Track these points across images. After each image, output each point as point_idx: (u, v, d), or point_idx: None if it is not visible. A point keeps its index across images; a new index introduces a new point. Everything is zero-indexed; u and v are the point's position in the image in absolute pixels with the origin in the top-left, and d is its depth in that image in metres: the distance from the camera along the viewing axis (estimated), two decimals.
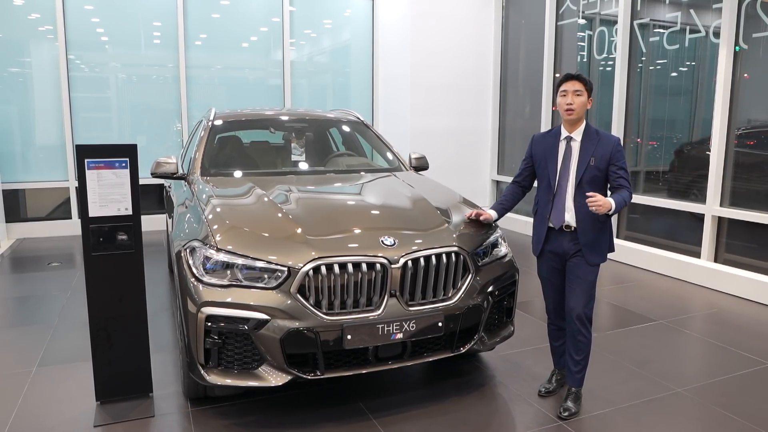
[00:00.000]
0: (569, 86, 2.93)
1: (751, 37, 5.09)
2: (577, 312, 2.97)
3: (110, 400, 3.02)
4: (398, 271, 2.77)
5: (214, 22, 7.82)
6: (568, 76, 2.96)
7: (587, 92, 2.94)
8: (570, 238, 2.98)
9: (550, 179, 3.02)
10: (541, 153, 3.08)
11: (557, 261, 3.06)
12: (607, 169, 2.93)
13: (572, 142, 2.98)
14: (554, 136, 3.05)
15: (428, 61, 8.03)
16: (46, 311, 4.48)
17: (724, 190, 5.36)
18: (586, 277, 2.97)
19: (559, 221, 2.98)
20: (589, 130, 2.98)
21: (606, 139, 2.95)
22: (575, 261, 2.99)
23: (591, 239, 2.94)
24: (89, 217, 2.83)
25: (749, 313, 4.64)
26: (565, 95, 2.93)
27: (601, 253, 3.00)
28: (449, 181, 4.91)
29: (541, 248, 3.09)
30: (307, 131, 4.65)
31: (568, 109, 2.92)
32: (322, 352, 2.68)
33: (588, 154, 2.93)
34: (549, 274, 3.12)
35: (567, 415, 2.97)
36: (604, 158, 2.92)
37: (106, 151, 2.85)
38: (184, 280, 2.79)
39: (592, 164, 2.92)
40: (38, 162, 7.24)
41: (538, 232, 3.10)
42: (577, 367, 3.04)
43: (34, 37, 7.07)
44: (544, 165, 3.05)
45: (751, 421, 2.95)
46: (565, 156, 2.99)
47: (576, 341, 3.01)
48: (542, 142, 3.10)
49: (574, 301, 2.98)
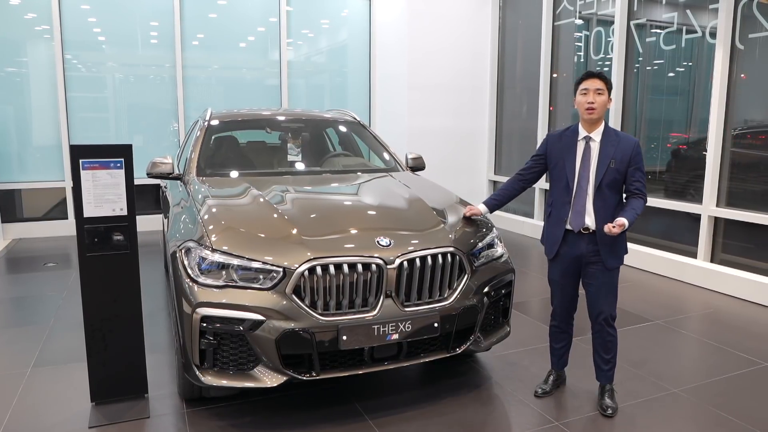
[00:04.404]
0: (590, 84, 2.85)
1: (748, 37, 5.10)
2: (604, 316, 2.99)
3: (105, 401, 3.01)
4: (394, 272, 2.76)
5: (211, 22, 7.81)
6: (590, 74, 2.88)
7: (608, 91, 2.87)
8: (588, 241, 2.92)
9: (568, 180, 2.93)
10: (557, 153, 2.99)
11: (573, 264, 3.00)
12: (626, 171, 2.87)
13: (591, 142, 2.90)
14: (571, 135, 2.96)
15: (425, 61, 8.04)
16: (41, 312, 4.47)
17: (721, 191, 5.36)
18: (610, 281, 2.95)
19: (578, 224, 2.92)
20: (608, 131, 2.91)
21: (626, 141, 2.88)
22: (595, 267, 2.94)
23: (610, 242, 2.89)
24: (84, 218, 2.83)
25: (745, 314, 4.65)
26: (586, 93, 2.85)
27: (619, 255, 2.95)
28: (446, 181, 4.91)
29: (556, 251, 3.02)
30: (304, 131, 4.64)
31: (589, 108, 2.84)
32: (317, 352, 2.67)
33: (608, 156, 2.86)
34: (561, 277, 3.06)
35: (611, 413, 2.99)
36: (624, 160, 2.85)
37: (101, 151, 2.84)
38: (179, 280, 2.78)
39: (612, 167, 2.85)
40: (35, 162, 7.22)
41: (553, 234, 3.01)
42: (608, 365, 3.08)
43: (31, 36, 7.06)
44: (561, 165, 2.96)
45: (747, 422, 2.95)
46: (584, 157, 2.90)
47: (605, 342, 3.04)
48: (559, 142, 3.00)
49: (601, 305, 2.98)
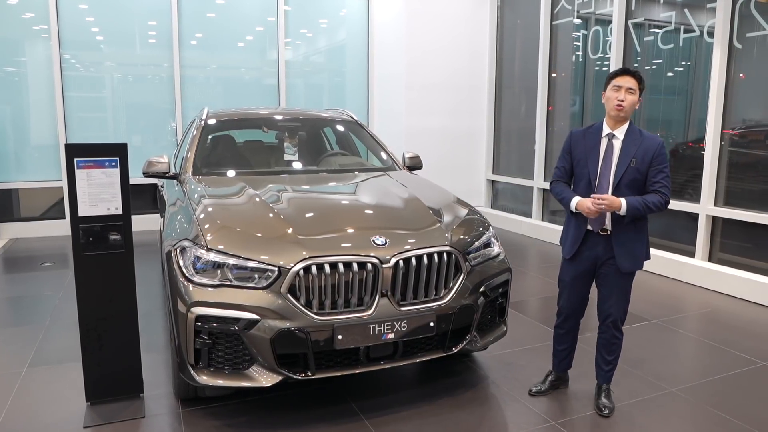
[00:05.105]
0: (623, 81, 2.79)
1: (745, 36, 5.09)
2: (613, 318, 2.97)
3: (100, 401, 3.00)
4: (389, 271, 2.75)
5: (209, 21, 7.80)
6: (624, 71, 2.82)
7: (640, 91, 2.82)
8: (605, 242, 2.88)
9: (590, 178, 2.88)
10: (582, 151, 2.93)
11: (588, 265, 2.95)
12: (647, 171, 2.80)
13: (614, 139, 2.85)
14: (595, 133, 2.91)
15: (424, 61, 8.03)
16: (38, 311, 4.46)
17: (719, 190, 5.36)
18: (623, 286, 2.92)
19: (598, 224, 2.87)
20: (632, 129, 2.85)
21: (649, 140, 2.81)
22: (609, 269, 2.90)
23: (624, 243, 2.85)
24: (78, 217, 2.82)
25: (743, 313, 4.64)
26: (618, 90, 2.79)
27: (635, 259, 2.88)
28: (445, 180, 4.91)
29: (575, 251, 2.95)
30: (300, 130, 4.63)
31: (618, 105, 2.78)
32: (312, 352, 2.66)
33: (629, 155, 2.81)
34: (573, 278, 3.01)
35: (607, 413, 2.98)
36: (646, 160, 2.79)
37: (96, 150, 2.83)
38: (174, 280, 2.77)
39: (632, 166, 2.79)
40: (32, 161, 7.21)
41: (574, 234, 2.95)
42: (608, 366, 3.07)
43: (29, 36, 7.04)
44: (584, 163, 2.91)
45: (744, 421, 2.94)
46: (606, 154, 2.86)
47: (610, 344, 3.03)
48: (583, 140, 2.94)
49: (610, 308, 2.96)
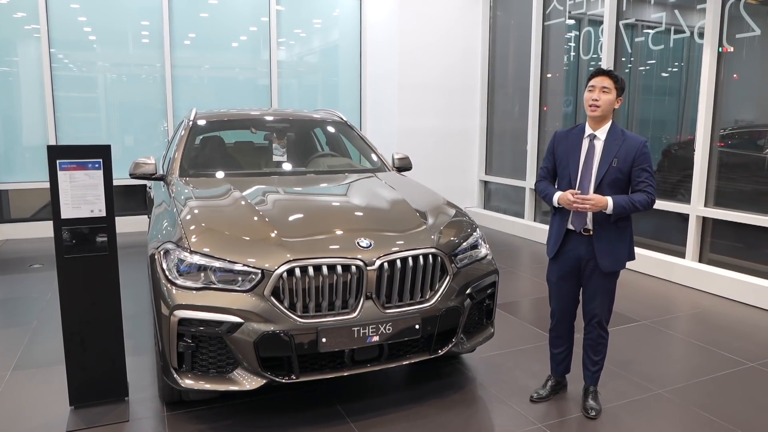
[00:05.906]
0: (597, 82, 2.82)
1: (735, 37, 5.09)
2: (598, 318, 2.97)
3: (84, 405, 2.97)
4: (374, 273, 2.74)
5: (202, 21, 7.77)
6: (599, 72, 2.84)
7: (617, 90, 2.82)
8: (588, 242, 2.89)
9: (571, 179, 2.91)
10: (563, 151, 2.95)
11: (572, 265, 2.97)
12: (630, 171, 2.81)
13: (596, 140, 2.87)
14: (578, 134, 2.94)
15: (416, 61, 8.02)
16: (25, 314, 4.43)
17: (709, 191, 5.36)
18: (607, 286, 2.92)
19: (580, 224, 2.89)
20: (614, 130, 2.86)
21: (631, 140, 2.82)
22: (592, 269, 2.91)
23: (606, 243, 2.85)
24: (61, 219, 2.79)
25: (733, 314, 4.64)
26: (592, 90, 2.82)
27: (617, 259, 2.88)
28: (437, 181, 4.90)
29: (557, 251, 2.98)
30: (289, 131, 4.61)
31: (592, 105, 2.82)
32: (296, 355, 2.64)
33: (610, 155, 2.82)
34: (559, 278, 3.02)
35: (594, 415, 2.97)
36: (628, 160, 2.80)
37: (79, 151, 2.80)
38: (158, 282, 2.75)
39: (614, 165, 2.80)
40: (23, 162, 7.17)
41: (555, 233, 2.98)
42: (595, 367, 3.07)
43: (20, 36, 6.99)
44: (565, 163, 2.93)
45: (731, 423, 2.94)
46: (588, 155, 2.88)
47: (596, 344, 3.03)
48: (565, 140, 2.97)
49: (594, 308, 2.96)
